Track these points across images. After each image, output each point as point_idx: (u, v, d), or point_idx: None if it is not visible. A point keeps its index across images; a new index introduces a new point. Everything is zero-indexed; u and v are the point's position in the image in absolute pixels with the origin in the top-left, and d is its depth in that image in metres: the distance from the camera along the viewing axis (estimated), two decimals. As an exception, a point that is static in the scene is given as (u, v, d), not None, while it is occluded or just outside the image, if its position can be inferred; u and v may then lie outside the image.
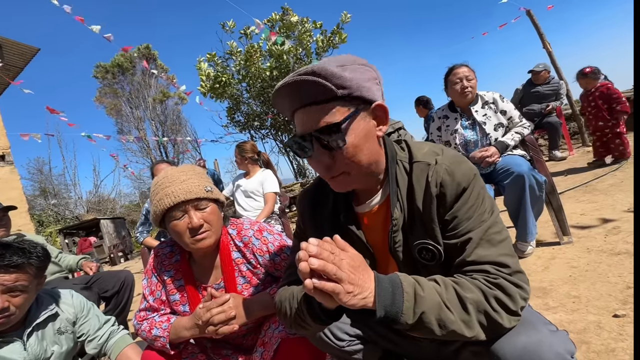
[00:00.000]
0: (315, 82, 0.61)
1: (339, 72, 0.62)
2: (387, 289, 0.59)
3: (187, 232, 0.98)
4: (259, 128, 8.95)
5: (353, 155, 0.66)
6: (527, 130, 2.13)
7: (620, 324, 1.21)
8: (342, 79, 0.62)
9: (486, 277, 0.62)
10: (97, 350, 1.30)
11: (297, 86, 0.63)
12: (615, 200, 2.67)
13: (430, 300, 0.59)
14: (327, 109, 0.64)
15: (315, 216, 0.86)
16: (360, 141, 0.66)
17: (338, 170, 0.68)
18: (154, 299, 1.08)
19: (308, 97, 0.65)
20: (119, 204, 22.01)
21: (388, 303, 0.58)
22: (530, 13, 5.36)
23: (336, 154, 0.66)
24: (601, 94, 3.82)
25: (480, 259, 0.64)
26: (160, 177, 1.01)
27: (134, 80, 20.37)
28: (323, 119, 0.64)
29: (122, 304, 2.29)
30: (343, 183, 0.71)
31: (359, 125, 0.66)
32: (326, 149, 0.66)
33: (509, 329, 0.61)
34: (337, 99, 0.64)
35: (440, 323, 0.59)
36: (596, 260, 1.77)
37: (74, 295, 1.34)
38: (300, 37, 7.42)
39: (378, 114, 0.69)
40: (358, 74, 0.65)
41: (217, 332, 0.92)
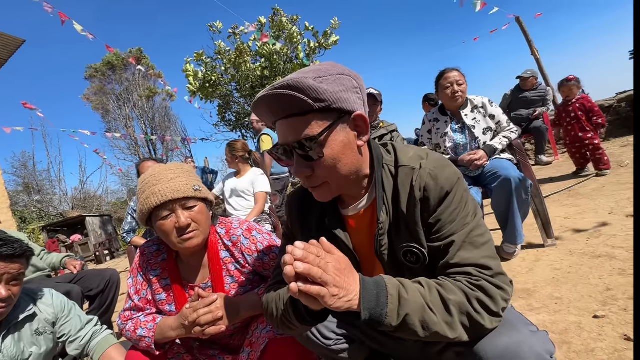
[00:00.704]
0: (291, 96, 0.62)
1: (315, 85, 0.62)
2: (371, 291, 0.60)
3: (174, 232, 0.97)
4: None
5: (332, 166, 0.67)
6: (514, 135, 2.17)
7: (600, 325, 1.25)
8: (318, 92, 0.62)
9: (468, 279, 0.63)
10: (79, 351, 1.27)
11: (274, 99, 0.64)
12: (598, 204, 2.75)
13: (414, 303, 0.60)
14: (304, 121, 0.65)
15: (302, 218, 0.87)
16: (338, 153, 0.67)
17: (318, 180, 0.69)
18: (139, 298, 1.06)
19: (285, 109, 0.65)
20: (106, 201, 21.54)
21: (372, 305, 0.59)
22: (520, 20, 5.48)
23: (315, 165, 0.67)
24: (582, 106, 3.83)
25: (463, 261, 0.65)
26: (148, 175, 1.00)
27: (123, 78, 20.07)
28: (300, 131, 0.65)
29: (107, 304, 2.24)
30: (324, 193, 0.72)
31: (337, 137, 0.66)
32: (305, 160, 0.67)
33: (490, 330, 0.62)
34: (314, 112, 0.64)
35: (424, 325, 0.60)
36: (578, 263, 1.81)
37: (54, 295, 1.31)
38: (290, 36, 7.42)
39: (358, 124, 0.69)
40: (336, 86, 0.65)
41: (204, 333, 0.91)
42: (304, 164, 0.68)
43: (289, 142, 0.67)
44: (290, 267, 0.55)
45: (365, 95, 0.72)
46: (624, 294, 1.40)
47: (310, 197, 0.85)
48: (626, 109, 6.02)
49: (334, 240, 0.79)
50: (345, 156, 0.68)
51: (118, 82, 20.12)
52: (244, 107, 8.56)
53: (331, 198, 0.74)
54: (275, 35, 7.21)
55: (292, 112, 0.65)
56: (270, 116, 0.69)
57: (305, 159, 0.67)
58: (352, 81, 0.68)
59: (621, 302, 1.36)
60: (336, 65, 0.68)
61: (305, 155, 0.66)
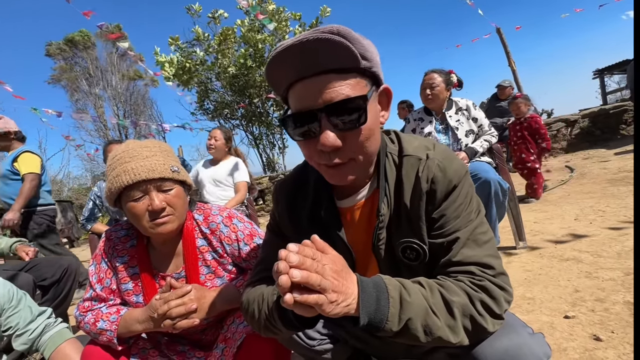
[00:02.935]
0: (342, 45, 0.51)
1: (361, 39, 0.54)
2: (371, 294, 0.54)
3: (146, 215, 0.87)
4: (229, 117, 8.65)
5: (367, 138, 0.58)
6: (494, 139, 2.23)
7: (571, 325, 1.29)
8: (365, 49, 0.55)
9: (471, 278, 0.60)
10: (27, 346, 1.12)
11: (315, 47, 0.52)
12: (564, 211, 2.90)
13: (417, 306, 0.54)
14: (346, 79, 0.55)
15: (292, 209, 0.79)
16: (374, 124, 0.60)
17: (347, 155, 0.59)
18: (101, 287, 0.95)
19: (326, 62, 0.53)
20: (67, 187, 20.15)
21: (372, 310, 0.53)
22: (500, 31, 5.68)
23: (348, 135, 0.57)
24: (529, 126, 3.65)
25: (466, 259, 0.61)
26: (120, 150, 0.89)
27: (92, 56, 18.83)
28: (342, 90, 0.54)
29: (63, 295, 2.06)
30: (346, 172, 0.61)
31: (373, 106, 0.59)
32: (338, 128, 0.56)
33: (491, 333, 0.59)
34: (357, 71, 0.56)
35: (427, 329, 0.55)
36: (548, 265, 1.89)
37: (1, 283, 1.16)
38: (277, 26, 7.26)
39: (382, 99, 0.64)
40: (374, 49, 0.59)
41: (174, 327, 0.83)
42: (337, 132, 0.56)
43: (323, 103, 0.55)
44: (286, 277, 0.47)
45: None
46: (591, 296, 1.46)
47: (301, 187, 0.78)
48: (588, 124, 6.45)
49: (328, 235, 0.73)
50: (377, 130, 0.61)
51: (86, 59, 18.84)
52: (223, 96, 8.28)
53: (351, 181, 0.63)
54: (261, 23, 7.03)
55: (333, 65, 0.54)
56: (296, 72, 0.55)
57: (338, 126, 0.55)
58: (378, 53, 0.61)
59: (589, 303, 1.42)
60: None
61: (345, 119, 0.55)
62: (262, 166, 8.83)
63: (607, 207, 2.70)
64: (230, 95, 8.23)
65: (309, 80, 0.55)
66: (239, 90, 7.93)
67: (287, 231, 0.81)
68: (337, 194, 0.75)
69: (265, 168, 8.75)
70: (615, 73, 11.03)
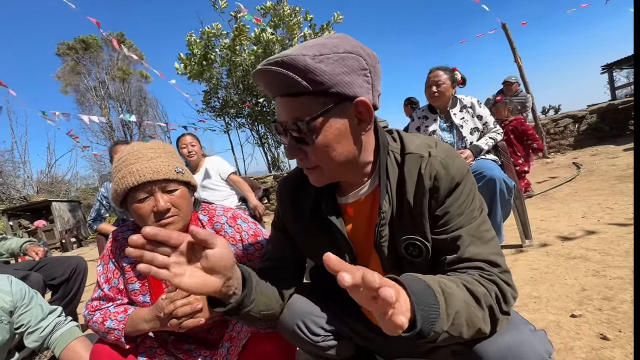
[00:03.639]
0: (281, 74, 0.56)
1: (312, 65, 0.55)
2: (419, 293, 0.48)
3: (151, 216, 0.88)
4: (235, 116, 8.68)
5: (324, 153, 0.63)
6: (499, 137, 2.20)
7: (577, 324, 1.28)
8: (314, 74, 0.56)
9: (482, 273, 0.61)
10: (38, 343, 1.15)
11: (268, 76, 0.59)
12: (571, 208, 2.86)
13: (458, 297, 0.52)
14: (297, 102, 0.60)
15: (295, 203, 0.81)
16: (332, 141, 0.61)
17: (311, 163, 0.65)
18: (109, 287, 0.97)
19: (279, 87, 0.60)
20: (75, 187, 20.41)
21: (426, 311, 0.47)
22: (505, 27, 5.61)
23: (307, 148, 0.63)
24: (514, 129, 3.65)
25: (474, 256, 0.62)
26: (125, 152, 0.91)
27: (99, 58, 19.00)
28: (293, 112, 0.60)
29: (72, 294, 2.09)
30: (317, 177, 0.68)
31: (333, 123, 0.60)
32: (298, 142, 0.63)
33: (496, 330, 0.59)
34: (309, 94, 0.58)
35: (469, 322, 0.53)
36: (554, 264, 1.87)
37: (13, 282, 1.18)
38: (290, 28, 7.26)
39: (360, 110, 0.62)
40: (337, 67, 0.57)
41: (180, 326, 0.84)
42: (297, 146, 0.64)
43: (282, 121, 0.63)
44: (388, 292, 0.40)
45: (378, 77, 0.64)
46: (599, 294, 1.45)
47: (303, 182, 0.80)
48: (596, 120, 6.35)
49: (329, 229, 0.75)
50: (341, 145, 0.63)
51: (94, 63, 19.03)
52: (230, 93, 8.30)
53: (325, 183, 0.70)
54: (274, 24, 7.03)
55: (285, 91, 0.60)
56: (267, 91, 0.64)
57: (297, 141, 0.63)
58: (359, 61, 0.60)
59: (596, 302, 1.40)
60: (346, 40, 0.60)
61: (299, 137, 0.62)
62: (267, 165, 8.86)
63: (615, 205, 2.66)
64: (237, 93, 8.25)
65: (277, 98, 0.63)
66: (246, 88, 7.96)
67: (290, 226, 0.83)
68: (338, 190, 0.76)
69: (271, 167, 8.78)
70: (624, 67, 10.84)
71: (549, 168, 5.14)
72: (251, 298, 0.66)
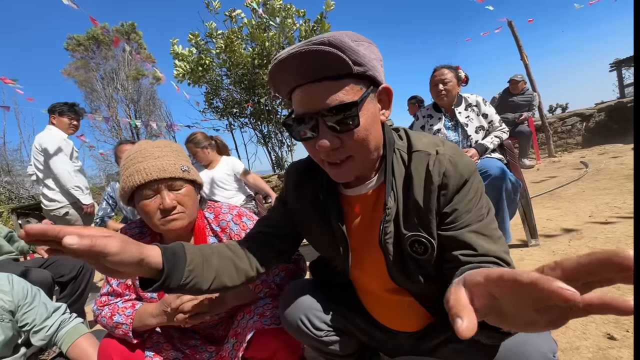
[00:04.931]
0: (332, 54, 0.55)
1: (355, 46, 0.57)
2: None
3: (157, 213, 0.90)
4: (238, 116, 8.71)
5: (363, 138, 0.62)
6: (505, 135, 2.19)
7: (584, 324, 1.27)
8: (358, 55, 0.57)
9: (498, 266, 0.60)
10: (45, 342, 1.16)
11: (308, 58, 0.56)
12: (578, 207, 2.83)
13: None
14: (340, 86, 0.58)
15: (299, 188, 0.83)
16: (370, 124, 0.62)
17: (344, 154, 0.63)
18: (118, 282, 0.99)
19: (319, 70, 0.57)
20: (82, 186, 20.65)
21: None
22: (512, 24, 5.56)
23: (344, 136, 0.61)
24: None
25: (488, 252, 0.61)
26: (133, 151, 0.92)
27: (109, 56, 19.08)
28: (336, 96, 0.58)
29: (80, 291, 2.13)
30: (348, 170, 0.65)
31: (369, 107, 0.62)
32: (334, 130, 0.60)
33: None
34: (351, 76, 0.58)
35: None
36: (561, 263, 1.85)
37: (15, 281, 1.18)
38: (283, 24, 7.25)
39: (382, 97, 0.65)
40: (370, 52, 0.61)
41: (187, 321, 0.86)
42: (333, 134, 0.60)
43: (319, 109, 0.59)
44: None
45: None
46: (606, 294, 1.43)
47: (310, 170, 0.81)
48: (604, 118, 6.27)
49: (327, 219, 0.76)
50: (374, 129, 0.64)
51: (103, 59, 19.12)
52: (232, 94, 8.33)
53: (353, 177, 0.68)
54: (267, 22, 7.03)
55: (327, 74, 0.57)
56: (294, 80, 0.60)
57: (335, 128, 0.60)
58: (378, 52, 0.64)
59: (603, 301, 1.39)
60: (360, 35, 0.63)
61: (340, 123, 0.59)
62: (271, 164, 8.88)
63: (623, 204, 2.63)
64: (239, 93, 8.28)
65: (307, 86, 0.59)
66: (247, 88, 7.98)
67: (291, 204, 0.84)
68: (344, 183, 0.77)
69: (274, 166, 8.80)
70: (633, 65, 10.66)
71: (556, 167, 5.08)
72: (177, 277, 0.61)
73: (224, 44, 7.30)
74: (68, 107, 2.87)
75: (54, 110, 2.86)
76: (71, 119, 2.90)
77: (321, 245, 0.83)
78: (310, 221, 0.80)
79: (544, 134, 6.02)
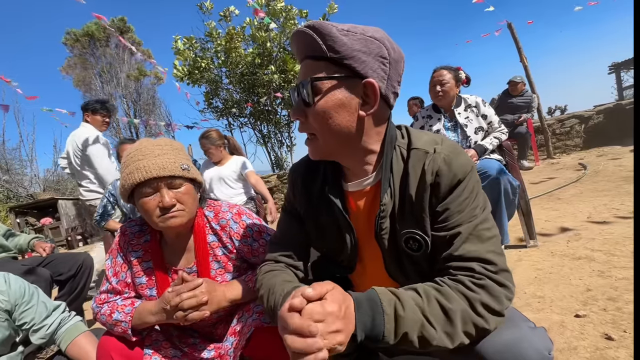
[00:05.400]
0: (309, 37, 0.63)
1: (335, 34, 0.62)
2: (366, 313, 0.57)
3: (156, 211, 0.90)
4: (238, 116, 8.70)
5: (322, 119, 0.66)
6: (504, 136, 2.20)
7: (582, 324, 1.28)
8: (335, 42, 0.62)
9: (471, 277, 0.60)
10: (45, 340, 1.15)
11: (299, 37, 0.66)
12: (576, 209, 2.84)
13: (411, 320, 0.56)
14: (314, 66, 0.65)
15: (304, 186, 0.84)
16: (333, 109, 0.65)
17: (308, 129, 0.70)
18: (117, 280, 0.99)
19: (305, 49, 0.67)
20: (81, 185, 20.58)
21: (368, 327, 0.56)
22: (511, 26, 5.58)
23: (307, 111, 0.68)
24: None
25: (467, 254, 0.62)
26: (134, 149, 0.92)
27: (107, 53, 18.99)
28: (308, 74, 0.66)
29: (78, 289, 2.12)
30: (311, 147, 0.72)
31: (337, 93, 0.65)
32: (302, 103, 0.68)
33: (492, 331, 0.59)
34: (326, 60, 0.64)
35: (421, 340, 0.56)
36: (559, 264, 1.86)
37: (11, 280, 1.16)
38: (285, 24, 7.26)
39: (367, 93, 0.65)
40: (358, 44, 0.63)
41: (186, 319, 0.86)
42: (300, 107, 0.69)
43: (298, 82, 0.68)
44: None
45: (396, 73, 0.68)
46: (604, 295, 1.44)
47: (312, 167, 0.84)
48: (603, 120, 6.29)
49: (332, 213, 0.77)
50: (339, 115, 0.66)
51: (101, 56, 19.02)
52: (232, 94, 8.33)
53: (320, 157, 0.73)
54: (269, 21, 7.04)
55: (308, 53, 0.66)
56: (296, 54, 0.71)
57: (301, 101, 0.68)
58: (381, 49, 0.64)
59: (601, 302, 1.40)
60: (378, 31, 0.66)
61: (301, 97, 0.67)
62: (270, 164, 8.88)
63: (621, 205, 2.64)
64: (239, 93, 8.27)
65: (302, 62, 0.70)
66: (247, 88, 7.98)
67: (301, 208, 0.85)
68: (344, 177, 0.79)
69: (274, 166, 8.80)
70: (632, 67, 10.70)
71: (555, 169, 5.09)
72: None
73: (224, 41, 7.31)
74: (100, 104, 2.98)
75: (87, 108, 2.95)
76: (103, 117, 2.99)
77: (328, 239, 0.83)
78: (318, 216, 0.81)
79: (543, 135, 6.04)
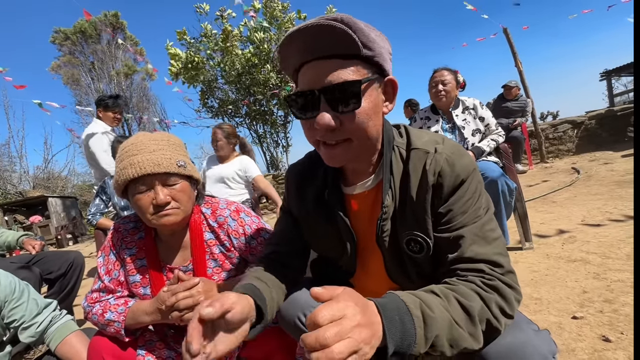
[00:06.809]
0: (343, 31, 0.54)
1: (367, 30, 0.57)
2: (394, 319, 0.48)
3: (150, 208, 0.87)
4: (233, 115, 8.65)
5: (362, 122, 0.60)
6: (501, 139, 2.21)
7: (579, 326, 1.28)
8: (368, 38, 0.57)
9: (482, 278, 0.58)
10: (34, 338, 1.11)
11: (320, 33, 0.55)
12: (571, 212, 2.87)
13: (441, 320, 0.51)
14: (347, 65, 0.57)
15: (301, 191, 0.81)
16: (371, 110, 0.61)
17: (342, 135, 0.61)
18: (110, 279, 0.96)
19: (329, 47, 0.57)
20: (72, 183, 20.26)
21: (398, 337, 0.48)
22: (507, 31, 5.64)
23: (344, 117, 0.59)
24: None
25: (476, 256, 0.60)
26: (129, 143, 0.89)
27: (98, 49, 18.72)
28: (341, 75, 0.57)
29: (68, 288, 2.07)
30: (343, 152, 0.63)
31: (373, 93, 0.61)
32: (335, 110, 0.59)
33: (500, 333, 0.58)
34: (359, 58, 0.58)
35: (452, 343, 0.52)
36: (555, 266, 1.87)
37: (1, 276, 1.13)
38: (283, 25, 7.26)
39: (388, 90, 0.65)
40: (380, 41, 0.61)
41: (182, 319, 0.83)
42: (333, 113, 0.59)
43: (323, 86, 0.58)
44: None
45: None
46: (600, 297, 1.45)
47: (310, 169, 0.80)
48: (595, 126, 6.38)
49: (332, 217, 0.75)
50: (375, 118, 0.63)
51: (92, 52, 18.73)
52: (227, 93, 8.28)
53: (346, 162, 0.66)
54: (268, 22, 7.03)
55: (336, 51, 0.57)
56: (303, 55, 0.59)
57: (335, 107, 0.58)
58: (389, 45, 0.64)
59: (597, 304, 1.40)
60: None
61: (341, 102, 0.58)
62: (265, 165, 8.84)
63: (614, 209, 2.67)
64: (235, 92, 8.23)
65: (315, 63, 0.59)
66: (243, 88, 7.94)
67: (295, 211, 0.83)
68: (344, 180, 0.76)
69: (269, 167, 8.76)
70: (623, 75, 10.90)
71: (548, 173, 5.15)
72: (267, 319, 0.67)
73: (220, 39, 7.29)
74: (112, 100, 3.01)
75: (99, 104, 2.99)
76: (115, 113, 3.02)
77: (327, 245, 0.81)
78: (315, 222, 0.79)
79: (536, 139, 6.10)
